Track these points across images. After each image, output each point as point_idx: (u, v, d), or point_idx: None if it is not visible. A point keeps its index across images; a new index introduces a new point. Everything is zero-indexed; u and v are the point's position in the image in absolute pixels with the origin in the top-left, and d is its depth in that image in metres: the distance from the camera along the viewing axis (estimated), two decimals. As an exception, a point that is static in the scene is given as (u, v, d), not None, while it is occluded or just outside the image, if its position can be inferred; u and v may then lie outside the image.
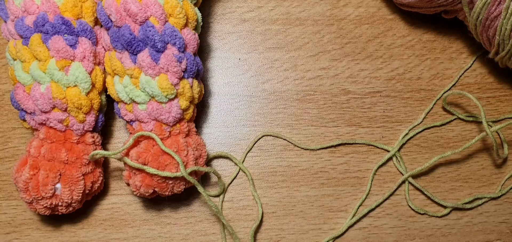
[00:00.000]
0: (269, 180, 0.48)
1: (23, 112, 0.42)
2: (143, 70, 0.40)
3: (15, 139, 0.48)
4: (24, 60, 0.40)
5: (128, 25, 0.39)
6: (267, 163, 0.48)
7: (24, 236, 0.46)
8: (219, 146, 0.48)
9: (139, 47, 0.39)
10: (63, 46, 0.39)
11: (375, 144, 0.48)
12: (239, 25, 0.50)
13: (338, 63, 0.50)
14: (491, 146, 0.49)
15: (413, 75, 0.50)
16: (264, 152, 0.48)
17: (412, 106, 0.49)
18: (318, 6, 0.51)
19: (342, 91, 0.49)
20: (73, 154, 0.41)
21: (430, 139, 0.49)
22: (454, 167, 0.49)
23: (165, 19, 0.40)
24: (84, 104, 0.40)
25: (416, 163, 0.49)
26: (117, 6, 0.39)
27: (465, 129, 0.49)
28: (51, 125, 0.41)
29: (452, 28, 0.50)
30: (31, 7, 0.40)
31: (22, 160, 0.41)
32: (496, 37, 0.43)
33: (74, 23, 0.40)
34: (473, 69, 0.50)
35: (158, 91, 0.40)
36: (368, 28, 0.50)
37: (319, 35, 0.50)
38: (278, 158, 0.48)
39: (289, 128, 0.49)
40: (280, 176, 0.48)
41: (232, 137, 0.49)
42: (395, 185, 0.48)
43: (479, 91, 0.50)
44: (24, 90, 0.41)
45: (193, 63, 0.41)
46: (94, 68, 0.41)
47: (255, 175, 0.48)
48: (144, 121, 0.42)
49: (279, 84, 0.49)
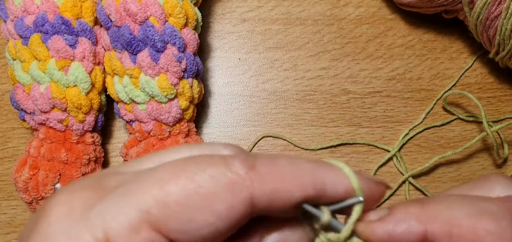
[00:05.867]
0: (269, 180, 0.48)
1: (22, 112, 0.42)
2: (143, 70, 0.40)
3: (15, 139, 0.48)
4: (23, 60, 0.40)
5: (128, 25, 0.39)
6: (267, 163, 0.48)
7: (23, 236, 0.46)
8: (219, 146, 0.48)
9: (138, 47, 0.39)
10: (62, 46, 0.39)
11: (375, 144, 0.48)
12: (239, 25, 0.50)
13: (339, 63, 0.50)
14: (491, 146, 0.48)
15: (413, 75, 0.50)
16: (264, 152, 0.48)
17: (412, 106, 0.49)
18: (318, 5, 0.50)
19: (342, 91, 0.49)
20: (72, 154, 0.41)
21: (430, 139, 0.49)
22: (454, 167, 0.48)
23: (165, 19, 0.39)
24: (84, 104, 0.40)
25: (416, 163, 0.48)
26: (116, 6, 0.39)
27: (465, 129, 0.49)
28: (51, 125, 0.41)
29: (453, 28, 0.50)
30: (30, 7, 0.40)
31: (22, 160, 0.41)
32: (497, 37, 0.43)
33: (74, 23, 0.40)
34: (473, 69, 0.50)
35: (157, 91, 0.40)
36: (369, 28, 0.50)
37: (319, 35, 0.50)
38: (278, 158, 0.48)
39: (289, 128, 0.49)
40: (280, 176, 0.48)
41: (232, 137, 0.48)
42: (396, 185, 0.48)
43: (480, 91, 0.50)
44: (23, 90, 0.41)
45: (193, 63, 0.41)
46: (94, 68, 0.41)
47: (255, 175, 0.48)
48: (144, 121, 0.42)
49: (279, 84, 0.49)
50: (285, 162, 0.20)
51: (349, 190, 0.20)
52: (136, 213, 0.18)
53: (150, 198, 0.18)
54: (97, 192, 0.20)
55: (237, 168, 0.19)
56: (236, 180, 0.19)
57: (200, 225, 0.19)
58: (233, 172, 0.19)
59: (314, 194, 0.20)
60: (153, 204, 0.18)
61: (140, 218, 0.18)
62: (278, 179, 0.19)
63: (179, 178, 0.19)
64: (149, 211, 0.18)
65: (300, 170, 0.20)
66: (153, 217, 0.18)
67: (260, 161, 0.20)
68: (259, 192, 0.19)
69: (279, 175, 0.19)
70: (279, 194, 0.19)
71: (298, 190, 0.19)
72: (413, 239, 0.20)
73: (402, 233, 0.20)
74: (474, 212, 0.19)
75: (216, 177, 0.19)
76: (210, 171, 0.19)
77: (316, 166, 0.20)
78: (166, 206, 0.18)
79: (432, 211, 0.20)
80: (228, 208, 0.19)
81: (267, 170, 0.19)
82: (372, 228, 0.21)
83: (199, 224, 0.19)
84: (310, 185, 0.20)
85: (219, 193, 0.19)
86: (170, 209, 0.18)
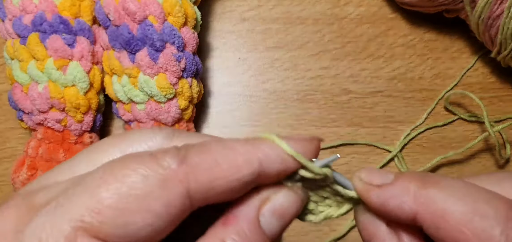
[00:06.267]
0: (269, 180, 0.47)
1: (20, 112, 0.42)
2: (142, 70, 0.39)
3: (13, 139, 0.47)
4: (22, 59, 0.40)
5: (127, 24, 0.39)
6: (267, 163, 0.48)
7: (22, 237, 0.46)
8: (219, 146, 0.48)
9: (137, 46, 0.39)
10: (61, 45, 0.39)
11: (376, 144, 0.48)
12: (239, 24, 0.50)
13: (339, 62, 0.49)
14: (493, 146, 0.48)
15: (414, 75, 0.49)
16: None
17: (413, 106, 0.49)
18: (318, 5, 0.50)
19: (343, 91, 0.49)
20: (71, 154, 0.41)
21: (432, 139, 0.49)
22: (456, 168, 0.48)
23: (164, 18, 0.39)
24: (82, 104, 0.40)
25: (418, 164, 0.48)
26: (115, 5, 0.39)
27: (467, 129, 0.49)
28: (49, 125, 0.41)
29: (454, 27, 0.50)
30: (29, 6, 0.40)
31: (20, 160, 0.41)
32: (498, 36, 0.42)
33: (72, 22, 0.40)
34: (475, 68, 0.50)
35: (156, 91, 0.39)
36: (369, 28, 0.50)
37: (320, 35, 0.50)
38: (278, 158, 0.48)
39: (290, 128, 0.48)
40: (280, 176, 0.47)
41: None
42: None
43: (481, 91, 0.50)
44: (21, 90, 0.40)
45: (192, 63, 0.41)
46: (92, 68, 0.41)
47: (255, 175, 0.47)
48: (142, 121, 0.41)
49: (279, 84, 0.49)
50: (217, 147, 0.20)
51: (285, 159, 0.20)
52: (70, 225, 0.18)
53: (82, 207, 0.18)
54: (28, 212, 0.19)
55: (169, 163, 0.19)
56: (168, 176, 0.19)
57: (138, 227, 0.18)
58: (165, 168, 0.19)
59: (250, 172, 0.19)
60: (85, 212, 0.18)
61: (74, 228, 0.18)
62: (212, 167, 0.19)
63: (109, 182, 0.18)
64: (82, 220, 0.18)
65: (233, 152, 0.19)
66: (87, 225, 0.18)
67: (191, 151, 0.19)
68: (195, 184, 0.19)
69: (212, 162, 0.19)
70: (216, 182, 0.19)
71: (234, 173, 0.19)
72: (403, 216, 0.20)
73: (394, 208, 0.21)
74: (469, 210, 0.19)
75: (148, 175, 0.18)
76: (141, 171, 0.18)
77: (248, 144, 0.20)
78: (99, 213, 0.18)
79: (430, 195, 0.20)
80: (165, 205, 0.18)
81: (199, 159, 0.19)
82: (369, 191, 0.21)
83: (138, 226, 0.18)
84: (245, 165, 0.19)
85: (153, 192, 0.18)
86: (104, 215, 0.18)
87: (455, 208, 0.19)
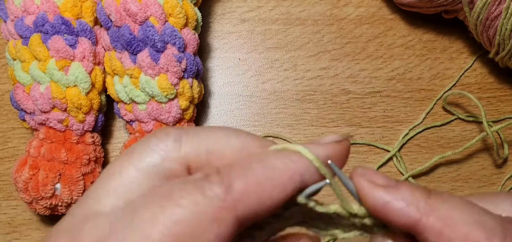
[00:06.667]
0: (269, 180, 0.48)
1: (22, 112, 0.42)
2: (143, 70, 0.40)
3: (15, 139, 0.48)
4: (23, 60, 0.40)
5: (128, 25, 0.39)
6: (267, 163, 0.48)
7: (24, 236, 0.46)
8: (219, 146, 0.48)
9: (139, 47, 0.39)
10: (62, 46, 0.39)
11: (375, 144, 0.48)
12: (239, 25, 0.50)
13: (338, 63, 0.50)
14: (491, 146, 0.48)
15: (413, 75, 0.50)
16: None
17: (412, 106, 0.49)
18: (318, 5, 0.50)
19: (342, 91, 0.49)
20: (72, 154, 0.41)
21: (430, 139, 0.49)
22: (454, 167, 0.48)
23: (165, 19, 0.39)
24: (84, 104, 0.40)
25: (416, 163, 0.48)
26: (117, 6, 0.39)
27: (465, 129, 0.49)
28: (51, 125, 0.41)
29: (453, 28, 0.50)
30: (30, 7, 0.40)
31: (22, 160, 0.41)
32: (497, 37, 0.43)
33: (74, 23, 0.40)
34: (473, 69, 0.50)
35: (158, 91, 0.40)
36: (368, 28, 0.50)
37: (319, 35, 0.50)
38: (278, 158, 0.48)
39: (289, 128, 0.49)
40: (280, 176, 0.48)
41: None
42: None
43: (480, 91, 0.50)
44: (23, 90, 0.41)
45: (193, 63, 0.41)
46: (94, 68, 0.41)
47: (255, 175, 0.48)
48: (144, 121, 0.42)
49: (279, 84, 0.49)
50: (259, 169, 0.19)
51: (321, 169, 0.21)
52: None
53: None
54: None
55: (215, 193, 0.19)
56: (218, 207, 0.19)
57: None
58: (212, 198, 0.19)
59: (294, 188, 0.20)
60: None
61: None
62: (257, 191, 0.19)
63: (159, 222, 0.18)
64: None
65: (275, 172, 0.20)
66: None
67: (234, 176, 0.19)
68: (243, 210, 0.19)
69: (257, 186, 0.19)
70: (262, 205, 0.19)
71: (279, 192, 0.19)
72: (404, 221, 0.20)
73: (397, 211, 0.20)
74: (471, 220, 0.19)
75: (198, 211, 0.18)
76: (191, 206, 0.18)
77: (286, 159, 0.20)
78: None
79: (435, 203, 0.20)
80: (216, 236, 0.18)
81: (244, 185, 0.19)
82: (373, 190, 0.21)
83: None
84: (288, 183, 0.20)
85: (205, 226, 0.18)
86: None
87: (459, 217, 0.20)
